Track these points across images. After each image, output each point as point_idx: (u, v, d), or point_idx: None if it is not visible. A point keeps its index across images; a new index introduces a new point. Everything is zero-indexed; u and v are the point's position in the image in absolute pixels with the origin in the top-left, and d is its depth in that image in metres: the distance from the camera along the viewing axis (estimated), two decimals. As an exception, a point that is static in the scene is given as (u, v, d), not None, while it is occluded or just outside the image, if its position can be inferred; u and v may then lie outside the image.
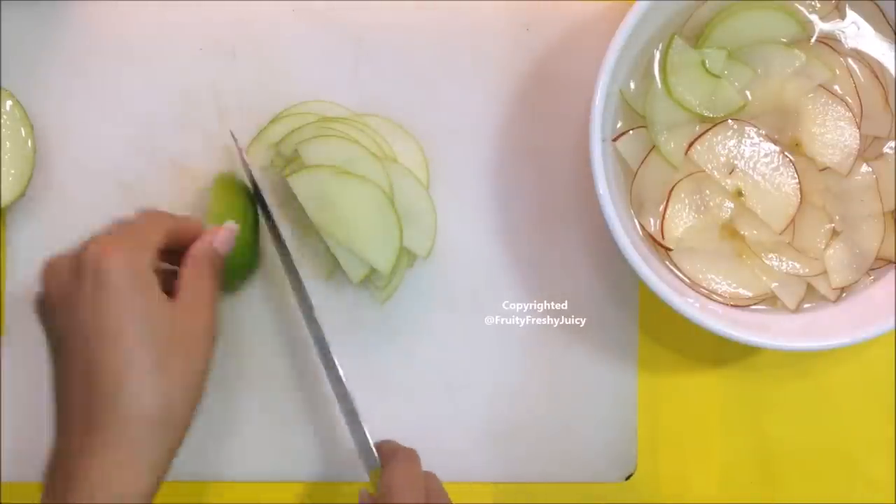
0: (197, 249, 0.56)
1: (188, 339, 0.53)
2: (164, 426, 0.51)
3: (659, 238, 0.62)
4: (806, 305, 0.63)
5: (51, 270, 0.53)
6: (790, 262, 0.63)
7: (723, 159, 0.62)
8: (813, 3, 0.63)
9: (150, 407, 0.51)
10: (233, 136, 0.63)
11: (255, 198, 0.63)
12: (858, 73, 0.63)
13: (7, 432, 0.64)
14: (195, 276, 0.55)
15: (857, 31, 0.63)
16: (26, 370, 0.64)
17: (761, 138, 0.62)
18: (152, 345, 0.51)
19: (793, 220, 0.62)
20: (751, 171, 0.62)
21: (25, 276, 0.64)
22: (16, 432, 0.64)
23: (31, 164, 0.63)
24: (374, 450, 0.60)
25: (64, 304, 0.52)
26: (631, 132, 0.62)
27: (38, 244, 0.64)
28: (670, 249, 0.62)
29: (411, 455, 0.59)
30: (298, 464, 0.65)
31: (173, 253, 0.56)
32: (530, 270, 0.65)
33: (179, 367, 0.52)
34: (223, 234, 0.58)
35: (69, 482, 0.50)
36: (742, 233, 0.62)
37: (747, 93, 0.62)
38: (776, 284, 0.63)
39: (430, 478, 0.59)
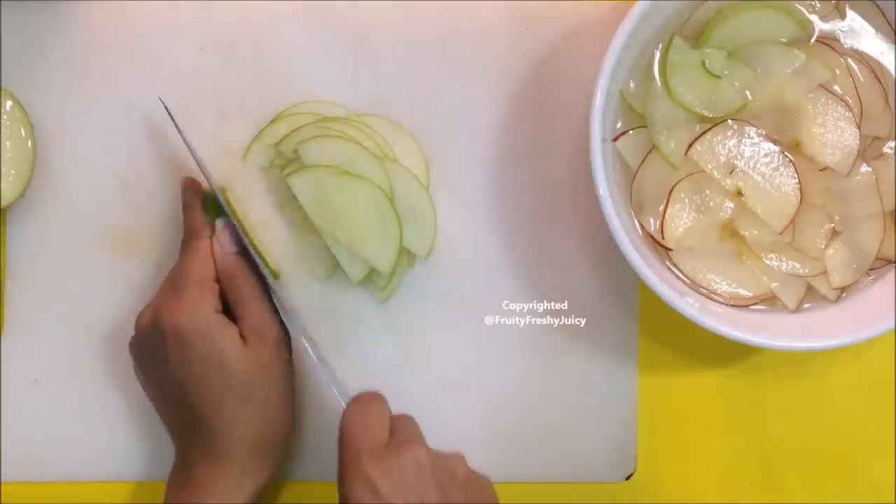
0: (221, 268, 0.60)
1: (266, 372, 0.59)
2: (257, 447, 0.58)
3: (659, 238, 0.62)
4: (806, 305, 0.63)
5: (139, 325, 0.60)
6: (790, 262, 0.63)
7: (723, 159, 0.62)
8: (813, 3, 0.63)
9: (245, 435, 0.58)
10: (185, 141, 0.62)
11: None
12: (858, 73, 0.63)
13: (7, 432, 0.64)
14: (236, 297, 0.60)
15: (857, 31, 0.63)
16: (26, 370, 0.64)
17: (761, 138, 0.62)
18: (235, 384, 0.58)
19: (793, 220, 0.62)
20: (751, 171, 0.62)
21: (25, 276, 0.64)
22: (16, 432, 0.64)
23: (31, 164, 0.63)
24: (338, 394, 0.60)
25: (152, 355, 0.59)
26: (631, 132, 0.62)
27: (38, 244, 0.64)
28: (670, 249, 0.62)
29: (371, 397, 0.58)
30: (300, 464, 0.65)
31: None
32: (530, 270, 0.65)
33: (263, 398, 0.58)
34: (222, 237, 0.61)
35: (184, 489, 0.58)
36: (742, 233, 0.62)
37: (747, 93, 0.62)
38: (776, 284, 0.63)
39: (401, 419, 0.58)
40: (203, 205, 0.62)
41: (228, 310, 0.60)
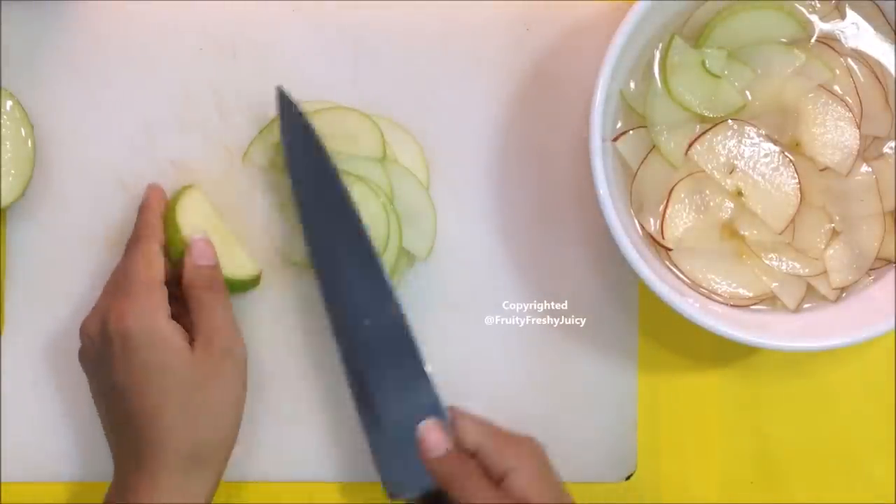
0: (187, 279, 0.59)
1: (211, 381, 0.57)
2: (197, 460, 0.57)
3: (659, 238, 0.62)
4: (806, 305, 0.63)
5: (85, 331, 0.59)
6: (790, 262, 0.63)
7: (723, 159, 0.62)
8: (813, 3, 0.63)
9: (181, 446, 0.56)
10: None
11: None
12: (858, 73, 0.63)
13: (7, 432, 0.64)
14: (198, 305, 0.59)
15: (857, 31, 0.63)
16: (26, 370, 0.64)
17: (761, 138, 0.62)
18: (176, 393, 0.56)
19: (793, 220, 0.62)
20: (751, 171, 0.62)
21: (25, 276, 0.64)
22: (16, 432, 0.64)
23: (31, 165, 0.63)
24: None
25: (99, 362, 0.58)
26: (631, 132, 0.62)
27: (38, 244, 0.64)
28: (670, 249, 0.62)
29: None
30: (305, 464, 0.65)
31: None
32: (530, 270, 0.65)
33: (204, 408, 0.57)
34: (197, 248, 0.60)
35: None
36: (742, 233, 0.62)
37: (747, 93, 0.62)
38: (776, 284, 0.63)
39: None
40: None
41: (184, 315, 0.59)
